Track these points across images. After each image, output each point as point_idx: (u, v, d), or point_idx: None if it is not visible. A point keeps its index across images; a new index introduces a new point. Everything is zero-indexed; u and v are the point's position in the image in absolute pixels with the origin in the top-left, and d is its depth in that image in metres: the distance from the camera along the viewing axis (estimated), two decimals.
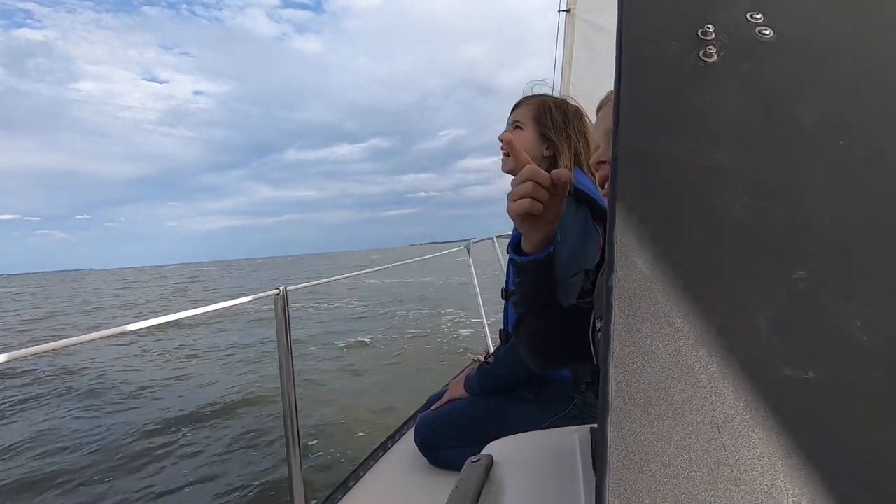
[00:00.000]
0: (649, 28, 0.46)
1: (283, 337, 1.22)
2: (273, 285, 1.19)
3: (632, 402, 0.30)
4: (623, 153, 0.39)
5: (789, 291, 0.33)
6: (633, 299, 0.34)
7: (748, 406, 0.30)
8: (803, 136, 0.39)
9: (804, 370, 0.30)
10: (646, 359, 0.32)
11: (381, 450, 1.63)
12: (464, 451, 1.37)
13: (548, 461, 0.74)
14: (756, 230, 0.35)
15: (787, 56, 0.43)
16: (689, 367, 0.31)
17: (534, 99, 1.48)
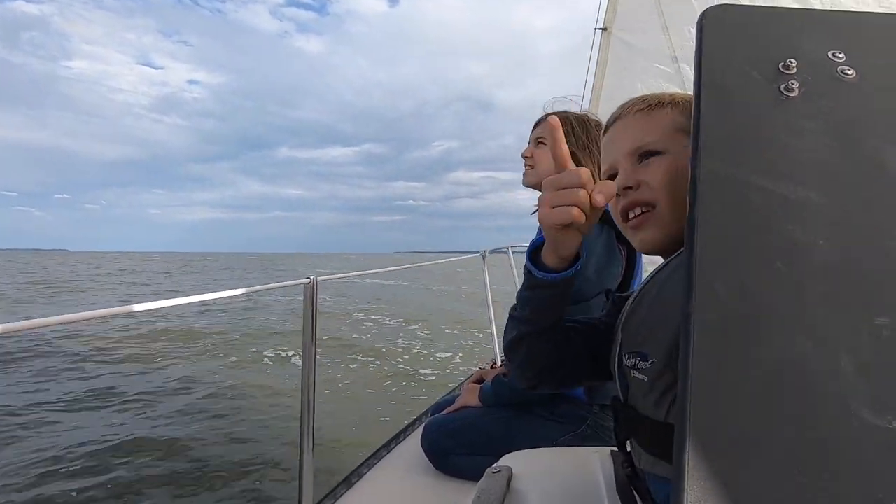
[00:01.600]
0: (730, 55, 0.46)
1: (308, 325, 1.23)
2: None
3: (710, 436, 0.30)
4: (704, 177, 0.39)
5: (873, 336, 0.32)
6: (712, 327, 0.33)
7: (829, 448, 0.29)
8: (886, 178, 0.38)
9: (887, 419, 0.30)
10: (726, 390, 0.31)
11: (384, 450, 1.63)
12: (471, 459, 1.36)
13: (569, 479, 0.74)
14: (839, 269, 0.35)
15: (869, 97, 0.42)
16: (770, 403, 0.31)
17: (556, 112, 1.48)
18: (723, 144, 0.40)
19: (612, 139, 0.76)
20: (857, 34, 0.46)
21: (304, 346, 1.22)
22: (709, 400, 0.31)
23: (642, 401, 0.61)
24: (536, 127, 1.50)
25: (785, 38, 0.46)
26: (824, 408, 0.30)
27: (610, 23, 3.14)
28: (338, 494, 1.33)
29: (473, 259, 3.24)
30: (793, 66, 0.44)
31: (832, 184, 0.38)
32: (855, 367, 0.31)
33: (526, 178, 1.48)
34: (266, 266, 55.72)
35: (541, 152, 1.44)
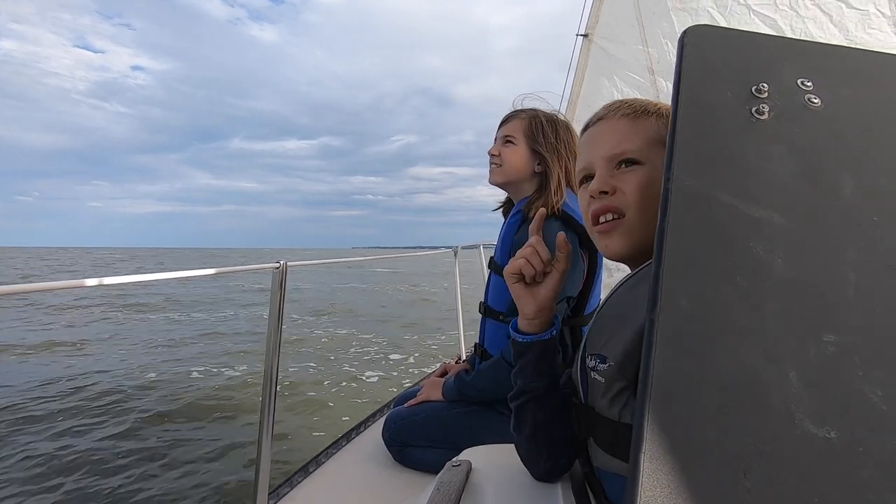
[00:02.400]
0: (708, 75, 0.47)
1: (275, 310, 1.22)
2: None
3: (666, 437, 0.32)
4: (676, 191, 0.40)
5: (819, 351, 0.34)
6: (673, 335, 0.35)
7: (773, 456, 0.31)
8: (842, 204, 0.41)
9: (827, 429, 0.32)
10: (682, 395, 0.33)
11: (344, 440, 1.62)
12: (431, 452, 1.38)
13: (527, 475, 0.75)
14: (793, 287, 0.37)
15: (831, 126, 0.45)
16: (722, 409, 0.32)
17: (524, 113, 1.47)
18: (696, 161, 0.42)
19: (592, 139, 0.76)
20: (825, 65, 0.48)
21: (269, 329, 1.20)
22: (665, 404, 0.33)
23: (599, 401, 0.63)
24: (504, 124, 1.49)
25: (759, 63, 0.48)
26: (771, 417, 0.32)
27: (591, 30, 3.19)
28: (294, 482, 1.32)
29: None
30: (765, 90, 0.46)
31: (793, 206, 0.40)
32: (801, 380, 0.33)
33: (493, 175, 1.47)
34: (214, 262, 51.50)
35: (508, 150, 1.44)
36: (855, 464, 0.31)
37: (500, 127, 1.49)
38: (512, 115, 1.48)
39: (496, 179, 1.47)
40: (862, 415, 0.32)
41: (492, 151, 1.46)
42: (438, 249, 3.25)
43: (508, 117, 1.48)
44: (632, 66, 3.14)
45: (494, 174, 1.47)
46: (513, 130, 1.44)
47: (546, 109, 1.50)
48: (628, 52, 3.08)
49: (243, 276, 18.38)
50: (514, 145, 1.43)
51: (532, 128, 1.44)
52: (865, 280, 0.37)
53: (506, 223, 1.50)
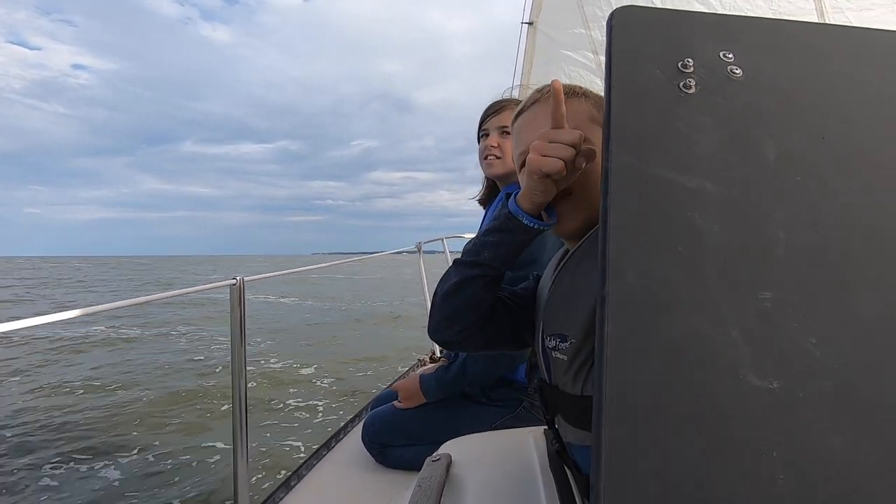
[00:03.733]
0: (636, 54, 0.49)
1: (237, 327, 1.19)
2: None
3: (623, 407, 0.33)
4: (615, 169, 0.42)
5: (757, 309, 0.36)
6: (623, 307, 0.36)
7: (723, 411, 0.33)
8: (767, 168, 0.43)
9: (769, 380, 0.34)
10: (635, 366, 0.34)
11: (324, 448, 1.60)
12: (413, 450, 1.38)
13: (506, 460, 0.77)
14: (730, 251, 0.39)
15: (753, 94, 0.47)
16: (673, 374, 0.34)
17: (512, 103, 1.50)
18: (631, 138, 0.43)
19: (528, 123, 0.78)
20: (744, 37, 0.51)
21: (232, 349, 1.17)
22: (621, 374, 0.34)
23: (563, 378, 0.65)
24: (492, 116, 1.49)
25: (683, 39, 0.50)
26: (718, 375, 0.34)
27: (535, 17, 3.23)
28: (277, 499, 1.30)
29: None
30: (690, 65, 0.48)
31: (724, 174, 0.42)
32: (743, 337, 0.35)
33: (493, 167, 1.47)
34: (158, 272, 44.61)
35: (507, 141, 1.45)
36: (796, 409, 0.33)
37: (489, 119, 1.49)
38: (501, 106, 1.50)
39: (497, 171, 1.47)
40: (799, 363, 0.34)
41: (491, 143, 1.46)
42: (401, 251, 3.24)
43: (498, 109, 1.49)
44: (576, 48, 3.21)
45: (495, 166, 1.47)
46: (507, 121, 1.45)
47: (518, 97, 1.54)
48: (572, 36, 3.15)
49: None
50: (510, 135, 1.46)
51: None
52: (793, 238, 0.39)
53: (492, 206, 1.51)
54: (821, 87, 0.48)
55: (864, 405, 0.33)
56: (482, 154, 1.50)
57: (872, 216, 0.41)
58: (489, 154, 1.47)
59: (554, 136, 0.62)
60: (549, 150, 0.62)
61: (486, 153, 1.48)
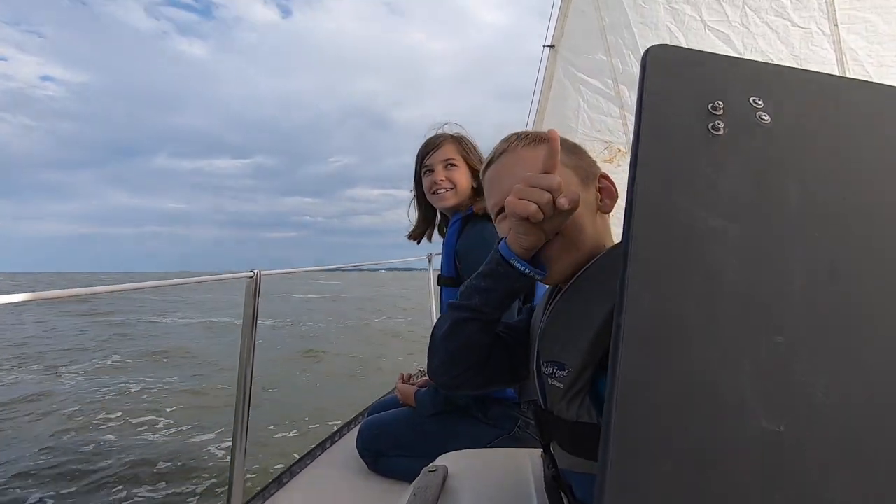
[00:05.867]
0: (669, 92, 0.50)
1: (248, 319, 1.21)
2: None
3: (632, 434, 0.34)
4: (639, 201, 0.43)
5: (769, 351, 0.37)
6: (638, 338, 0.37)
7: (730, 449, 0.34)
8: (789, 214, 0.44)
9: (777, 423, 0.34)
10: (646, 397, 0.35)
11: (318, 449, 1.60)
12: (405, 460, 1.38)
13: (502, 478, 0.77)
14: (747, 292, 0.40)
15: (779, 141, 0.49)
16: (683, 408, 0.35)
17: (448, 137, 1.57)
18: (658, 173, 0.45)
19: (501, 173, 0.78)
20: (774, 85, 0.52)
21: (242, 340, 1.18)
22: (631, 403, 0.35)
23: (558, 405, 0.66)
24: (433, 152, 1.53)
25: (715, 82, 0.52)
26: (727, 414, 0.34)
27: (557, 41, 3.28)
28: (268, 494, 1.30)
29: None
30: (720, 107, 0.49)
31: (746, 216, 0.43)
32: (753, 379, 0.36)
33: (446, 200, 1.51)
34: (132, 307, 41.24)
35: (455, 173, 1.50)
36: (801, 454, 0.34)
37: (430, 155, 1.53)
38: (440, 141, 1.55)
39: (451, 203, 1.51)
40: (807, 409, 0.35)
41: (440, 177, 1.51)
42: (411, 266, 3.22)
43: (437, 144, 1.54)
44: (596, 74, 3.25)
45: (447, 198, 1.51)
46: (450, 154, 1.52)
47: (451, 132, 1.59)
48: (592, 62, 3.19)
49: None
50: (458, 167, 1.51)
51: (464, 148, 1.54)
52: (810, 285, 0.40)
53: (448, 234, 1.54)
54: (846, 140, 0.50)
55: (868, 457, 0.34)
56: (430, 189, 1.54)
57: (890, 269, 0.42)
58: (439, 188, 1.52)
59: (533, 181, 0.63)
60: (525, 193, 0.63)
61: (436, 187, 1.52)
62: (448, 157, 1.51)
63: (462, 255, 1.42)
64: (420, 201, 1.65)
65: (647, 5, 3.06)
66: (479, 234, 1.39)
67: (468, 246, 1.40)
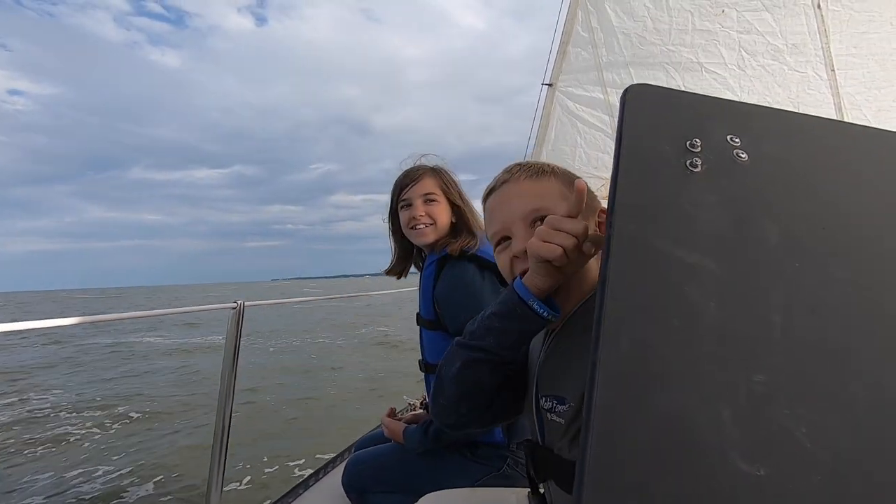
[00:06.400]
0: (647, 130, 0.51)
1: (231, 349, 1.19)
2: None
3: (607, 479, 0.32)
4: (617, 238, 0.43)
5: (749, 391, 0.36)
6: (614, 375, 0.36)
7: (707, 494, 0.32)
8: (767, 251, 0.44)
9: (757, 467, 0.33)
10: (622, 436, 0.34)
11: (301, 487, 1.55)
12: (391, 497, 1.33)
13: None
14: (725, 329, 0.39)
15: (757, 178, 0.49)
16: (659, 449, 0.33)
17: (428, 170, 1.51)
18: (635, 209, 0.45)
19: (501, 203, 0.78)
20: (751, 123, 0.53)
21: (223, 370, 1.16)
22: (607, 445, 0.34)
23: (558, 442, 0.64)
24: (412, 185, 1.47)
25: (693, 120, 0.52)
26: (704, 455, 0.33)
27: (555, 80, 3.37)
28: None
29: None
30: (698, 145, 0.50)
31: (724, 253, 0.43)
32: (732, 419, 0.35)
33: (425, 236, 1.45)
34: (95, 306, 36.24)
35: (434, 208, 1.45)
36: (783, 499, 0.32)
37: (408, 188, 1.47)
38: (420, 174, 1.49)
39: (430, 239, 1.45)
40: (788, 451, 0.34)
41: (419, 213, 1.44)
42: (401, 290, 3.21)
43: (416, 178, 1.48)
44: (593, 111, 3.32)
45: (427, 234, 1.45)
46: (430, 188, 1.46)
47: (431, 164, 1.55)
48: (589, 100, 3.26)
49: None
50: (437, 202, 1.46)
51: (444, 182, 1.49)
52: (790, 322, 0.39)
53: (424, 275, 1.49)
54: (824, 178, 0.50)
55: (849, 500, 0.32)
56: (408, 224, 1.47)
57: (869, 307, 0.41)
58: (418, 223, 1.45)
59: (558, 225, 0.63)
60: (550, 236, 0.63)
61: (415, 223, 1.45)
62: (427, 192, 1.45)
63: (442, 301, 1.36)
64: (396, 235, 1.58)
65: (645, 47, 3.15)
66: (458, 277, 1.34)
67: (447, 290, 1.36)
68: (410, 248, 1.60)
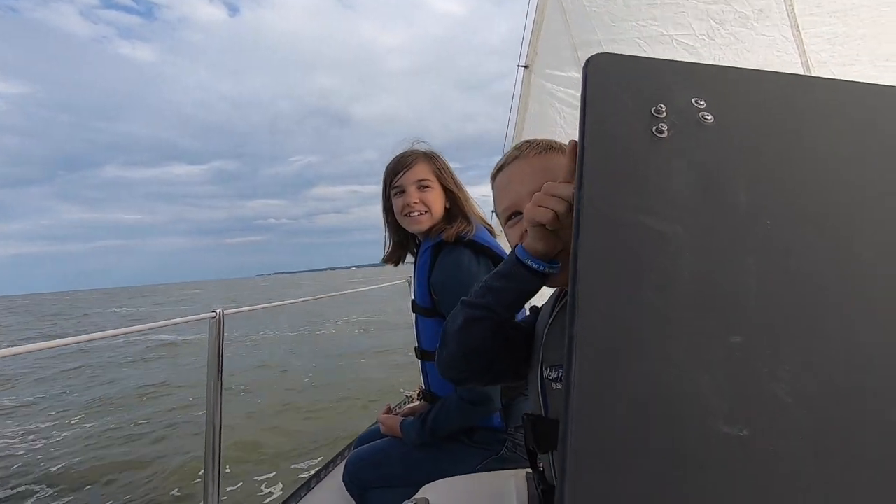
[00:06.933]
0: (610, 99, 0.50)
1: (214, 360, 1.17)
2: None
3: (590, 449, 0.32)
4: (586, 214, 0.42)
5: (727, 354, 0.36)
6: (591, 349, 0.36)
7: (691, 458, 0.32)
8: (738, 213, 0.43)
9: (740, 428, 0.33)
10: (602, 407, 0.33)
11: (304, 489, 1.54)
12: (393, 491, 1.33)
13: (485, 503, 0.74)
14: (699, 294, 0.38)
15: (724, 140, 0.48)
16: (641, 419, 0.33)
17: (421, 155, 1.48)
18: (603, 182, 0.44)
19: (511, 179, 0.80)
20: (715, 85, 0.52)
21: (208, 383, 1.15)
22: (587, 419, 0.33)
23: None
24: (405, 171, 1.44)
25: (656, 86, 0.52)
26: (686, 422, 0.33)
27: (531, 61, 3.34)
28: None
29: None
30: (663, 110, 0.49)
31: (694, 218, 0.42)
32: (712, 382, 0.34)
33: (420, 223, 1.43)
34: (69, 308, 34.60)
35: (429, 195, 1.42)
36: (767, 458, 0.32)
37: (402, 174, 1.44)
38: (413, 160, 1.46)
39: (425, 225, 1.43)
40: (770, 410, 0.34)
41: (413, 199, 1.42)
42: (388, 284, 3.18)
43: (410, 163, 1.45)
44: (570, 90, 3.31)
45: (422, 222, 1.43)
46: (423, 174, 1.44)
47: (423, 148, 1.52)
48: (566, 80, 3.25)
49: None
50: (431, 188, 1.43)
51: (438, 167, 1.47)
52: (763, 283, 0.39)
53: (419, 263, 1.47)
54: (791, 135, 0.49)
55: (832, 456, 0.32)
56: (402, 211, 1.44)
57: (841, 263, 0.41)
58: (413, 210, 1.43)
59: (552, 190, 0.65)
60: (544, 201, 0.65)
61: (409, 210, 1.43)
62: (421, 178, 1.43)
63: (438, 287, 1.35)
64: (390, 223, 1.55)
65: (616, 23, 3.14)
66: (454, 263, 1.33)
67: (444, 277, 1.34)
68: (406, 235, 1.57)
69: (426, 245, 1.45)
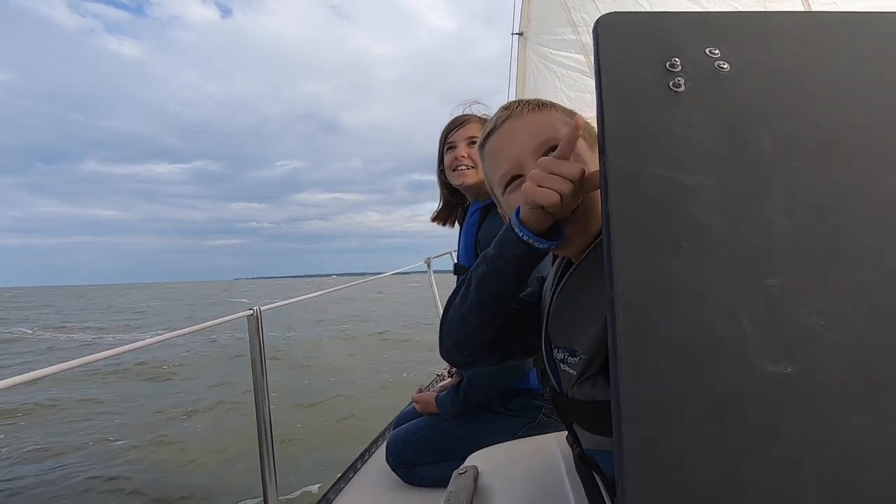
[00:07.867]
0: (624, 58, 0.50)
1: (256, 356, 1.21)
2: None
3: (640, 402, 0.33)
4: (612, 172, 0.43)
5: (765, 296, 0.37)
6: (632, 307, 0.37)
7: (738, 399, 0.33)
8: (763, 158, 0.44)
9: (784, 365, 0.34)
10: (648, 362, 0.35)
11: (350, 471, 1.60)
12: (438, 466, 1.37)
13: (532, 467, 0.77)
14: (733, 242, 0.39)
15: (743, 87, 0.48)
16: (687, 367, 0.34)
17: (476, 116, 1.55)
18: (626, 141, 0.44)
19: (506, 140, 0.74)
20: (728, 31, 0.52)
21: (254, 380, 1.18)
22: (635, 371, 0.35)
23: (574, 390, 0.65)
24: (458, 128, 1.53)
25: (668, 40, 0.51)
26: (731, 365, 0.34)
27: (525, 28, 3.28)
28: None
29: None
30: (678, 64, 0.49)
31: (721, 168, 0.43)
32: (753, 325, 0.36)
33: (466, 177, 1.49)
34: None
35: (475, 150, 1.46)
36: (813, 391, 0.33)
37: (454, 131, 1.53)
38: (465, 119, 1.54)
39: (471, 180, 1.50)
40: (811, 346, 0.35)
41: (462, 154, 1.50)
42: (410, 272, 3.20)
43: (463, 122, 1.54)
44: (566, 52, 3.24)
45: (468, 176, 1.50)
46: (475, 132, 1.50)
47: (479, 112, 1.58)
48: (561, 42, 3.18)
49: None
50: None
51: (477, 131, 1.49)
52: (794, 223, 0.40)
53: (466, 224, 1.53)
54: (809, 74, 0.49)
55: (880, 382, 0.33)
56: (451, 166, 1.53)
57: (870, 195, 0.41)
58: (460, 165, 1.50)
59: (553, 168, 0.59)
60: (545, 180, 0.58)
61: (457, 164, 1.51)
62: (472, 136, 1.49)
63: (485, 245, 1.40)
64: (441, 180, 1.63)
65: None
66: (502, 223, 1.37)
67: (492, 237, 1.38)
68: (455, 199, 1.65)
69: (475, 206, 1.50)
